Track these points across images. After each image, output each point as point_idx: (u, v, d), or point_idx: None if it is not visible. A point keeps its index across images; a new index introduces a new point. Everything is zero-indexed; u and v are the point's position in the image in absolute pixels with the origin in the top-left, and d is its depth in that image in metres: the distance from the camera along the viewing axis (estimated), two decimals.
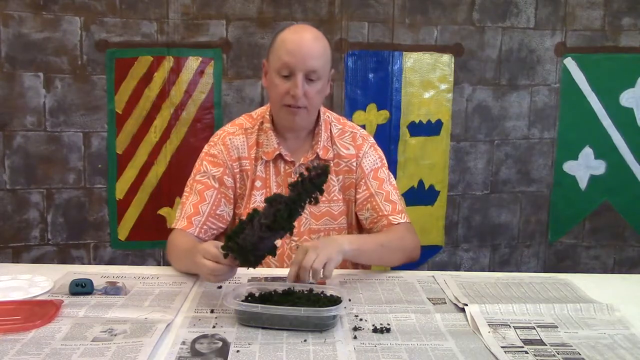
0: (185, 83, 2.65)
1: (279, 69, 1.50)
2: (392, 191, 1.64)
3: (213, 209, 1.57)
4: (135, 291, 1.36)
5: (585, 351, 1.09)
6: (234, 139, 1.62)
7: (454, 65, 2.79)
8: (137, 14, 2.58)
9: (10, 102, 2.52)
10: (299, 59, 1.48)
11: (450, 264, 2.92)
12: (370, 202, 1.62)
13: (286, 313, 1.15)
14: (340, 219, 1.64)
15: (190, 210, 1.55)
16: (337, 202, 1.63)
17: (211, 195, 1.58)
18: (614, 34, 2.81)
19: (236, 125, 1.66)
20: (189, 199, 1.58)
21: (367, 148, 1.66)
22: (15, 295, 1.30)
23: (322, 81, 1.53)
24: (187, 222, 1.54)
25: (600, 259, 2.97)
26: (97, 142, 2.64)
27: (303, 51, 1.48)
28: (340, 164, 1.64)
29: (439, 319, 1.23)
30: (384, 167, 1.67)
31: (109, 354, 1.03)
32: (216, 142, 1.63)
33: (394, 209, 1.61)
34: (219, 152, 1.61)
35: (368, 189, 1.63)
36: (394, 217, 1.59)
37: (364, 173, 1.63)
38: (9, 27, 2.48)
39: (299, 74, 1.48)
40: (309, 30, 1.54)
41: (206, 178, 1.59)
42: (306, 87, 1.50)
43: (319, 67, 1.50)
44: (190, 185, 1.61)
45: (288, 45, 1.49)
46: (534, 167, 2.92)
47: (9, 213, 2.58)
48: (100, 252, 2.70)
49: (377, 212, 1.60)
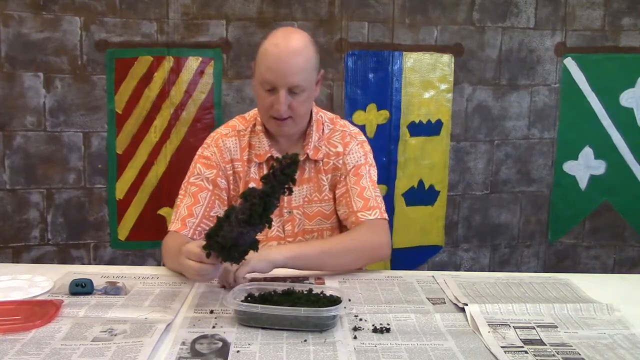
0: (185, 83, 2.65)
1: (262, 83, 1.48)
2: (369, 187, 1.60)
3: (207, 210, 1.57)
4: (135, 291, 1.36)
5: (585, 351, 1.09)
6: (227, 141, 1.61)
7: (454, 65, 2.79)
8: (137, 14, 2.58)
9: (10, 102, 2.52)
10: (279, 76, 1.44)
11: (450, 264, 2.92)
12: (345, 197, 1.60)
13: (286, 313, 1.15)
14: (332, 218, 1.64)
15: (184, 213, 1.56)
16: (328, 202, 1.63)
17: (205, 197, 1.57)
18: (614, 34, 2.81)
19: (229, 127, 1.65)
20: (183, 201, 1.58)
21: (354, 145, 1.64)
22: (15, 295, 1.30)
23: (307, 92, 1.50)
24: (181, 224, 1.55)
25: (600, 259, 2.97)
26: (97, 142, 2.64)
27: (283, 68, 1.44)
28: (329, 162, 1.63)
29: (438, 319, 1.23)
30: (367, 164, 1.64)
31: (109, 354, 1.03)
32: (209, 144, 1.63)
33: (365, 206, 1.57)
34: (212, 154, 1.61)
35: (345, 185, 1.61)
36: (362, 214, 1.56)
37: (346, 169, 1.62)
38: (9, 27, 2.48)
39: (281, 90, 1.45)
40: (291, 40, 1.48)
41: (200, 180, 1.59)
42: (290, 100, 1.47)
43: (300, 81, 1.46)
44: (185, 188, 1.61)
45: (269, 61, 1.46)
46: (534, 167, 2.92)
47: (9, 213, 2.58)
48: (100, 252, 2.70)
49: (349, 208, 1.58)
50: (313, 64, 1.51)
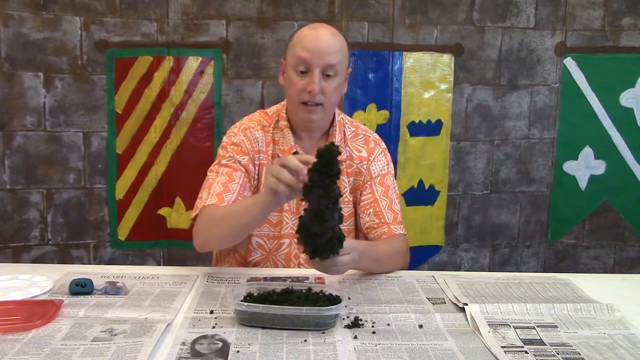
0: (185, 83, 2.65)
1: (296, 64, 1.49)
2: (395, 200, 1.63)
3: (242, 189, 1.52)
4: (135, 291, 1.35)
5: (585, 351, 1.09)
6: (254, 132, 1.60)
7: (454, 65, 2.79)
8: (137, 14, 2.58)
9: (10, 102, 2.52)
10: (316, 54, 1.47)
11: (450, 264, 2.92)
12: (373, 207, 1.60)
13: (287, 313, 1.15)
14: (349, 221, 1.63)
15: (220, 189, 1.49)
16: (347, 204, 1.62)
17: (239, 176, 1.53)
18: (614, 34, 2.81)
19: (254, 120, 1.63)
20: (216, 179, 1.52)
21: (378, 153, 1.66)
22: (15, 295, 1.30)
23: (339, 78, 1.52)
24: (218, 199, 1.46)
25: (600, 259, 2.97)
26: (97, 142, 2.64)
27: (320, 46, 1.47)
28: (352, 165, 1.64)
29: (438, 318, 1.23)
30: (390, 175, 1.66)
31: (109, 354, 1.03)
32: (236, 132, 1.60)
33: (395, 219, 1.60)
34: (241, 141, 1.58)
35: (373, 193, 1.61)
36: (395, 227, 1.58)
37: (371, 176, 1.63)
38: (9, 27, 2.48)
39: (316, 70, 1.47)
40: (326, 26, 1.54)
41: (233, 162, 1.55)
42: (323, 84, 1.48)
43: (336, 62, 1.49)
44: (216, 170, 1.55)
45: (305, 41, 1.49)
46: (534, 167, 2.92)
47: (9, 213, 2.58)
48: (100, 252, 2.70)
49: (378, 219, 1.59)
50: (346, 51, 1.55)
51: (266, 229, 1.59)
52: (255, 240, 1.60)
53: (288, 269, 1.58)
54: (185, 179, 2.65)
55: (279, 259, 1.60)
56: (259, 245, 1.61)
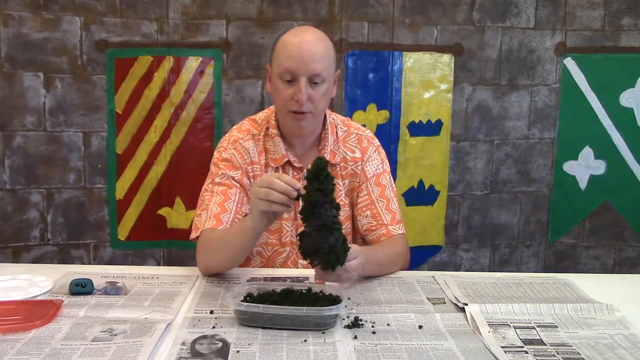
0: (185, 83, 2.65)
1: (281, 74, 1.46)
2: (392, 199, 1.61)
3: (239, 206, 1.50)
4: (135, 291, 1.36)
5: (585, 351, 1.09)
6: (245, 143, 1.57)
7: (454, 65, 2.79)
8: (137, 14, 2.58)
9: (10, 102, 2.52)
10: (301, 63, 1.43)
11: (450, 264, 2.92)
12: (371, 209, 1.59)
13: (287, 313, 1.15)
14: (346, 224, 1.62)
15: (216, 210, 1.48)
16: (343, 207, 1.59)
17: (235, 193, 1.51)
18: (614, 34, 2.81)
19: (243, 130, 1.60)
20: (212, 200, 1.50)
21: (372, 152, 1.64)
22: (15, 295, 1.30)
23: (327, 83, 1.49)
24: (216, 221, 1.46)
25: (600, 259, 2.97)
26: (97, 142, 2.64)
27: (304, 55, 1.44)
28: (347, 167, 1.61)
29: (438, 319, 1.23)
30: (385, 173, 1.64)
31: (109, 354, 1.03)
32: (226, 146, 1.58)
33: (393, 219, 1.59)
34: (232, 155, 1.56)
35: (369, 195, 1.60)
36: (393, 228, 1.57)
37: (366, 177, 1.61)
38: (9, 27, 2.48)
39: (302, 79, 1.44)
40: (310, 32, 1.50)
41: (226, 179, 1.53)
42: (310, 91, 1.45)
43: (321, 69, 1.45)
44: (210, 189, 1.53)
45: (289, 49, 1.45)
46: (534, 167, 2.92)
47: (9, 213, 2.58)
48: (100, 252, 2.70)
49: (376, 220, 1.58)
50: (332, 55, 1.51)
51: (265, 237, 1.58)
52: (255, 249, 1.60)
53: (288, 269, 1.58)
54: (185, 179, 2.65)
55: (278, 266, 1.60)
56: (258, 253, 1.61)
